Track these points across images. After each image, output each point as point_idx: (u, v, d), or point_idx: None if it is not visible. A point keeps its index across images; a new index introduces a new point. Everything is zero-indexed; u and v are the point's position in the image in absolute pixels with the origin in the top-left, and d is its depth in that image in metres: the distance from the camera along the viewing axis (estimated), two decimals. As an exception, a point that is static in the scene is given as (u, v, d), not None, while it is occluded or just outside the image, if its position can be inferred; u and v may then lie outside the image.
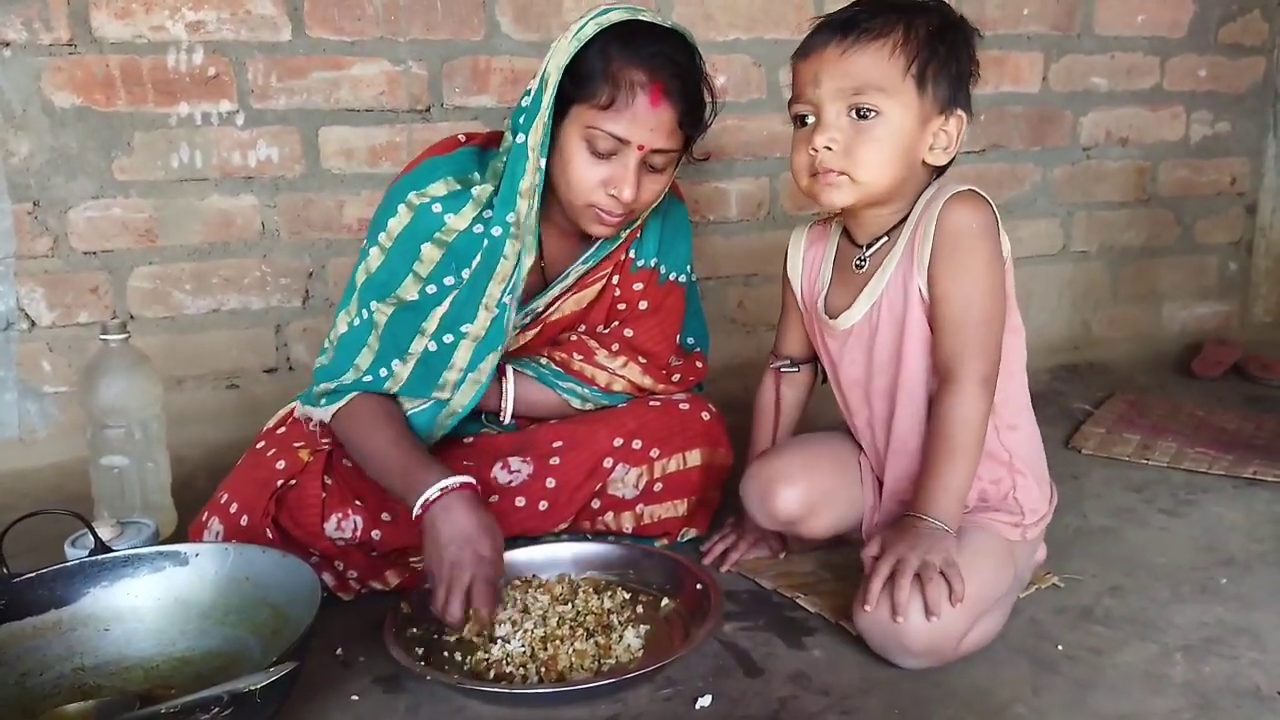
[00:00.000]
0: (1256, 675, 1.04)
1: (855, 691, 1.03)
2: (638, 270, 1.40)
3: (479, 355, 1.28)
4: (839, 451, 1.27)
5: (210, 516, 1.24)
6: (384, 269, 1.28)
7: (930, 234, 1.10)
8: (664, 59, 1.19)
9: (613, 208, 1.24)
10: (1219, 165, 2.42)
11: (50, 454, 1.70)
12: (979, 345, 1.09)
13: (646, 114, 1.19)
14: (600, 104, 1.18)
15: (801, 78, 1.12)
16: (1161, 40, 2.28)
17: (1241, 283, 2.53)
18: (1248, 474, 1.59)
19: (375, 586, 1.24)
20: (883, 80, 1.06)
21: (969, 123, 1.13)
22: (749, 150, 2.02)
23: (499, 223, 1.24)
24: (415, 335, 1.28)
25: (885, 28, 1.07)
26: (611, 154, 1.21)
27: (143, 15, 1.64)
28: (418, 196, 1.27)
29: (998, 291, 1.11)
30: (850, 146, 1.08)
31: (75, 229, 1.68)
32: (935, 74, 1.08)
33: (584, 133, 1.20)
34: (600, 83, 1.18)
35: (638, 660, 1.06)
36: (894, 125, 1.08)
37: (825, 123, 1.08)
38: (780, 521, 1.24)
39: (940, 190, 1.12)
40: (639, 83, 1.18)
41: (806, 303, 1.27)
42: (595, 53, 1.18)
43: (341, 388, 1.28)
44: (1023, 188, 2.25)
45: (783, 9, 1.97)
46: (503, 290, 1.26)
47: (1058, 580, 1.24)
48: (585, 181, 1.22)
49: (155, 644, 1.05)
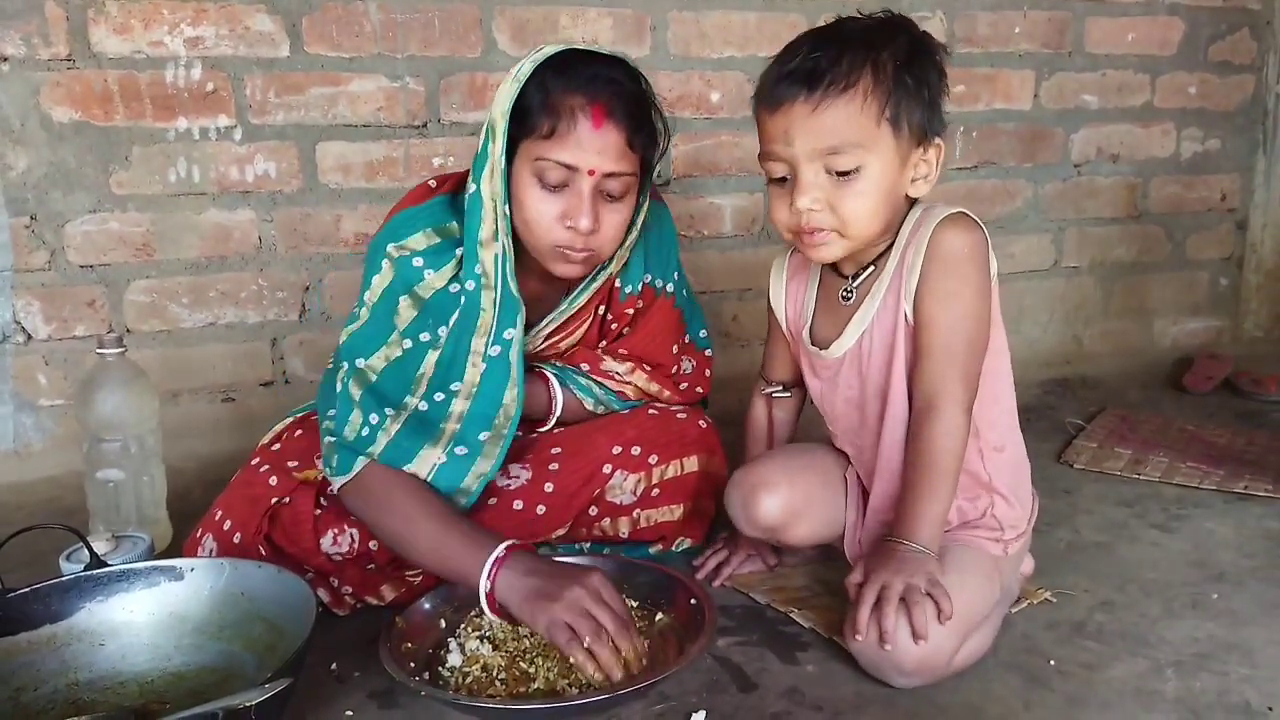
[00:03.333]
0: (1247, 691, 1.05)
1: (848, 707, 1.03)
2: (627, 298, 1.39)
3: (483, 410, 1.25)
4: (824, 462, 1.27)
5: (204, 533, 1.24)
6: (369, 325, 1.26)
7: (920, 257, 1.09)
8: (602, 81, 1.16)
9: (573, 242, 1.20)
10: (1209, 181, 2.44)
11: (46, 467, 1.70)
12: (962, 371, 1.08)
13: (590, 137, 1.15)
14: (543, 134, 1.15)
15: (770, 133, 1.07)
16: (1152, 58, 2.31)
17: (1232, 298, 2.54)
18: (1239, 489, 1.60)
19: (370, 601, 1.24)
20: (859, 135, 1.03)
21: (944, 139, 1.10)
22: (743, 166, 2.03)
23: (470, 276, 1.23)
24: (405, 393, 1.25)
25: (852, 73, 1.02)
26: (563, 185, 1.18)
27: (141, 31, 1.65)
28: (397, 249, 1.24)
29: (984, 318, 1.10)
30: (835, 203, 1.05)
31: (72, 242, 1.68)
32: (909, 109, 1.05)
33: (532, 167, 1.17)
34: (540, 114, 1.15)
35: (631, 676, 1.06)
36: (875, 176, 1.05)
37: (804, 183, 1.05)
38: (762, 528, 1.23)
39: (927, 212, 1.11)
40: (578, 106, 1.15)
41: (792, 332, 1.26)
42: (533, 87, 1.16)
43: (342, 451, 1.21)
44: (1014, 204, 2.27)
45: (776, 27, 1.99)
46: (486, 342, 1.24)
47: (1050, 595, 1.25)
48: (542, 218, 1.19)
49: (150, 659, 1.05)
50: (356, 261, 1.81)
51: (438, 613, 1.17)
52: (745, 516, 1.24)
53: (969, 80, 2.14)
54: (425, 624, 1.15)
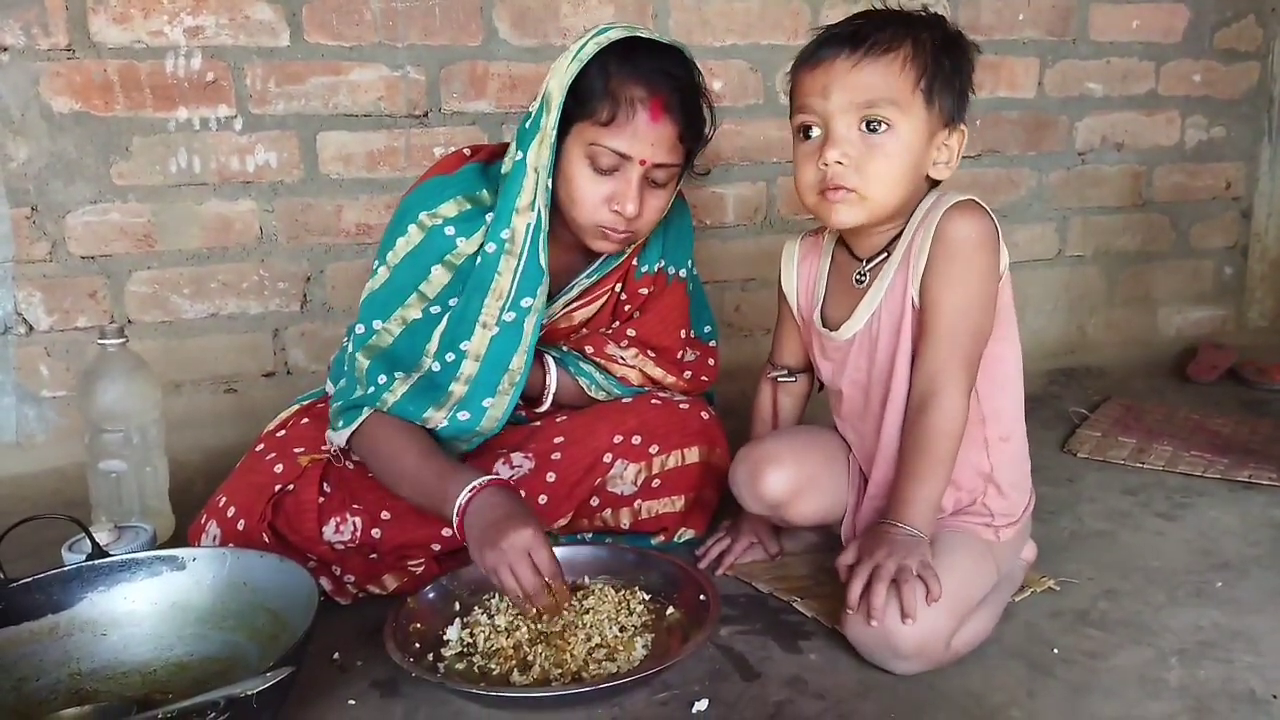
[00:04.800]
0: (1251, 679, 1.04)
1: (851, 695, 1.03)
2: (642, 277, 1.42)
3: (491, 371, 1.28)
4: (829, 444, 1.28)
5: (208, 520, 1.24)
6: (388, 287, 1.28)
7: (928, 242, 1.10)
8: (663, 75, 1.21)
9: (616, 224, 1.25)
10: (1214, 170, 2.43)
11: (48, 459, 1.70)
12: (964, 357, 1.09)
13: (647, 129, 1.20)
14: (601, 120, 1.19)
15: (807, 89, 1.10)
16: (1156, 46, 2.29)
17: (1236, 287, 2.53)
18: (1243, 478, 1.59)
19: (373, 591, 1.25)
20: (895, 94, 1.06)
21: (966, 135, 1.13)
22: (746, 155, 2.02)
23: (494, 239, 1.25)
24: (419, 355, 1.28)
25: (894, 41, 1.07)
26: (614, 170, 1.22)
27: (141, 20, 1.64)
28: (429, 218, 1.27)
29: (989, 306, 1.11)
30: (861, 162, 1.07)
31: (73, 234, 1.68)
32: (942, 88, 1.08)
33: (586, 150, 1.21)
34: (601, 100, 1.19)
35: (635, 665, 1.06)
36: (904, 140, 1.08)
37: (836, 136, 1.07)
38: (766, 503, 1.24)
39: (939, 199, 1.12)
40: (639, 98, 1.19)
41: (803, 315, 1.27)
42: (595, 71, 1.19)
43: (349, 405, 1.27)
44: (1019, 192, 2.26)
45: (779, 14, 1.98)
46: (501, 306, 1.26)
47: (1053, 584, 1.25)
48: (589, 199, 1.23)
49: (152, 649, 1.06)
50: (358, 252, 1.81)
51: (451, 595, 1.17)
52: (750, 492, 1.24)
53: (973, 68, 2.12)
54: (436, 606, 1.15)
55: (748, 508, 1.28)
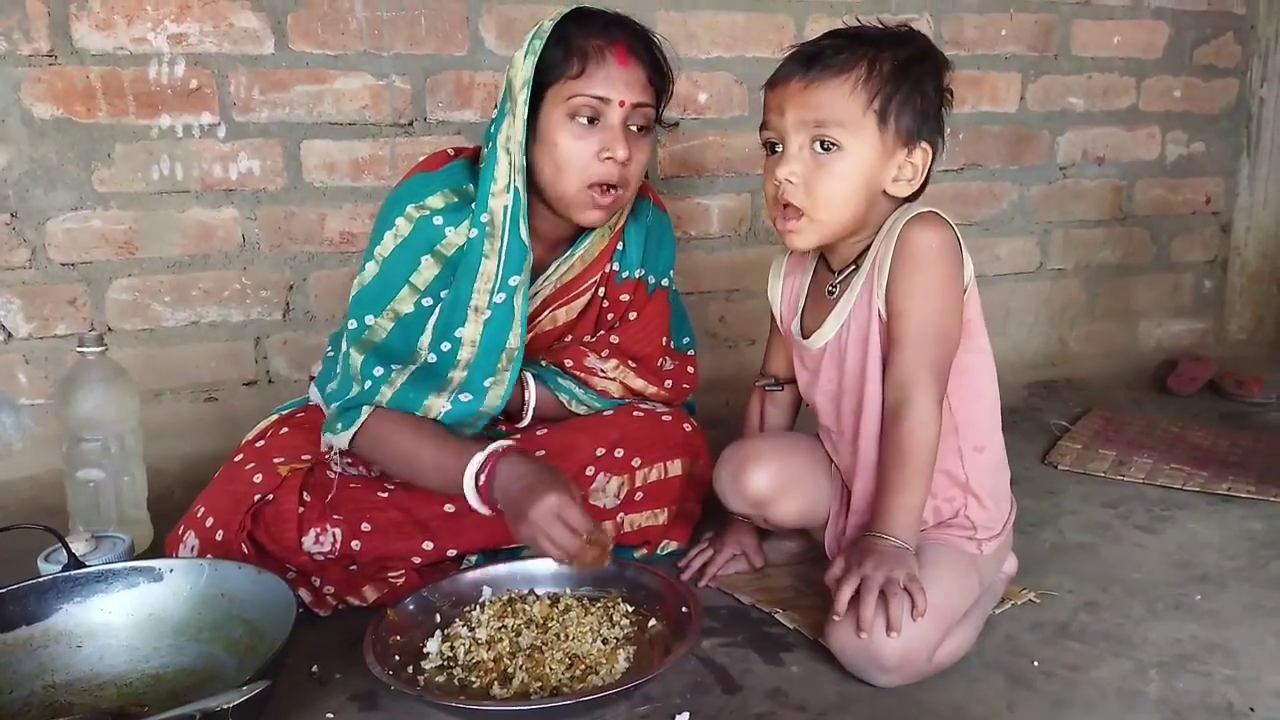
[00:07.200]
0: (1230, 691, 1.05)
1: (832, 708, 1.03)
2: (623, 282, 1.42)
3: (489, 353, 1.29)
4: (813, 449, 1.29)
5: (186, 530, 1.23)
6: (378, 281, 1.29)
7: (890, 253, 1.11)
8: (618, 25, 1.27)
9: (609, 175, 1.26)
10: (1194, 185, 2.46)
11: (25, 467, 1.68)
12: (932, 364, 1.10)
13: (619, 72, 1.24)
14: (573, 74, 1.23)
15: (769, 105, 1.14)
16: (1137, 61, 2.32)
17: (1216, 300, 2.56)
18: (1222, 490, 1.60)
19: (352, 602, 1.24)
20: (842, 115, 1.08)
21: (942, 148, 1.14)
22: (731, 167, 2.03)
23: (475, 225, 1.27)
24: (413, 348, 1.29)
25: (849, 63, 1.09)
26: (595, 120, 1.24)
27: (124, 27, 1.64)
28: (417, 209, 1.28)
29: (954, 313, 1.12)
30: (810, 180, 1.10)
31: (54, 240, 1.67)
32: (898, 109, 1.09)
33: (566, 107, 1.24)
34: (569, 59, 1.23)
35: (617, 677, 1.06)
36: (853, 160, 1.10)
37: (788, 154, 1.11)
38: (750, 501, 1.25)
39: (904, 212, 1.14)
40: (604, 45, 1.24)
41: (785, 326, 1.28)
42: (554, 41, 1.24)
43: (347, 405, 1.27)
44: (1000, 206, 2.28)
45: (764, 28, 1.99)
46: (491, 289, 1.27)
47: (1033, 596, 1.25)
48: (578, 157, 1.25)
49: (128, 661, 1.05)
50: (341, 260, 1.80)
51: (431, 607, 1.16)
52: (734, 490, 1.25)
53: (955, 83, 2.10)
54: (416, 618, 1.14)
55: (731, 507, 1.28)
